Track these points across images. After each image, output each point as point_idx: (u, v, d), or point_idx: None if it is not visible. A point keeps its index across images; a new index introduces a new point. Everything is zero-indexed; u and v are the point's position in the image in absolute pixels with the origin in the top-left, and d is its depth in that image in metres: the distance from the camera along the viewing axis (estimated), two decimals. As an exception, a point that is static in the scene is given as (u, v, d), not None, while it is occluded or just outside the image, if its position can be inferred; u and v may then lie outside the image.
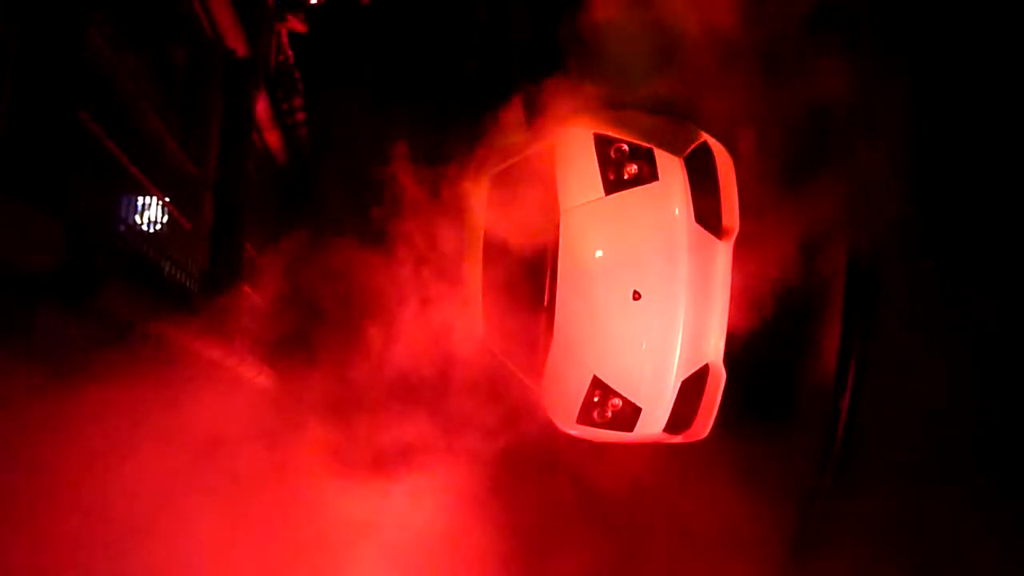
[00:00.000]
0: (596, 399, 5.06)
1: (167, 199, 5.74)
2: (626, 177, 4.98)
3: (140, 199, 5.45)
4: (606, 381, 5.01)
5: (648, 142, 4.95)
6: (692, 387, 4.88)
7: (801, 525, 5.21)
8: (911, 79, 4.77)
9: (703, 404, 4.95)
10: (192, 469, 5.36)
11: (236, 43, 6.83)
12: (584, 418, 5.12)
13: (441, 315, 6.76)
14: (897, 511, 4.71)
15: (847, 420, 5.05)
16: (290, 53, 8.39)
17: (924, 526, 4.51)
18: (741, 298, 4.90)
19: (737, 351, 4.93)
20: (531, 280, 5.51)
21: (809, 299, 5.26)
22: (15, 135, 3.71)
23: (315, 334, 7.99)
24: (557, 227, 5.22)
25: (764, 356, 5.25)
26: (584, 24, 5.82)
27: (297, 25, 8.08)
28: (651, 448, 5.32)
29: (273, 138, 8.56)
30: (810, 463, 5.22)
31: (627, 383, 4.95)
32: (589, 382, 5.05)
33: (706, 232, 4.81)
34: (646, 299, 4.85)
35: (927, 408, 4.58)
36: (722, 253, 4.85)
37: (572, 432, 5.26)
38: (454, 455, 6.64)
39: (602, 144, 5.08)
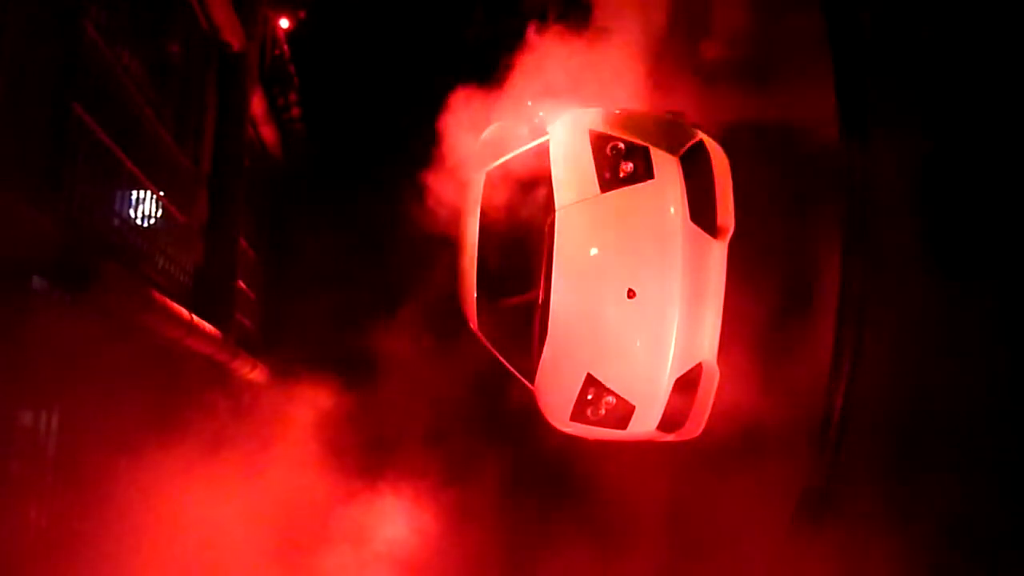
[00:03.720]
0: (590, 397, 5.06)
1: (161, 193, 5.72)
2: (621, 175, 4.98)
3: (134, 192, 5.42)
4: (600, 379, 5.01)
5: (644, 140, 4.95)
6: (686, 385, 4.89)
7: (795, 519, 5.22)
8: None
9: (697, 403, 4.95)
10: (183, 463, 5.36)
11: (232, 37, 6.80)
12: (578, 416, 5.12)
13: (441, 310, 6.77)
14: (890, 505, 4.72)
15: (841, 415, 5.06)
16: (286, 48, 8.37)
17: (914, 520, 4.52)
18: (735, 296, 4.90)
19: (732, 348, 4.94)
20: (526, 277, 5.51)
21: (803, 294, 5.27)
22: (8, 127, 3.68)
23: (311, 329, 8.00)
24: (552, 224, 5.22)
25: (759, 352, 5.26)
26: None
27: (292, 18, 8.06)
28: (648, 444, 5.33)
29: (269, 133, 8.54)
30: (804, 459, 5.23)
31: (621, 381, 4.95)
32: (583, 380, 5.05)
33: (701, 231, 4.81)
34: (641, 297, 4.86)
35: (921, 403, 4.60)
36: (717, 252, 4.86)
37: (566, 430, 5.26)
38: (447, 457, 6.65)
39: (598, 142, 5.07)
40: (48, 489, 4.30)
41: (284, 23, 7.97)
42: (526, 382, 5.54)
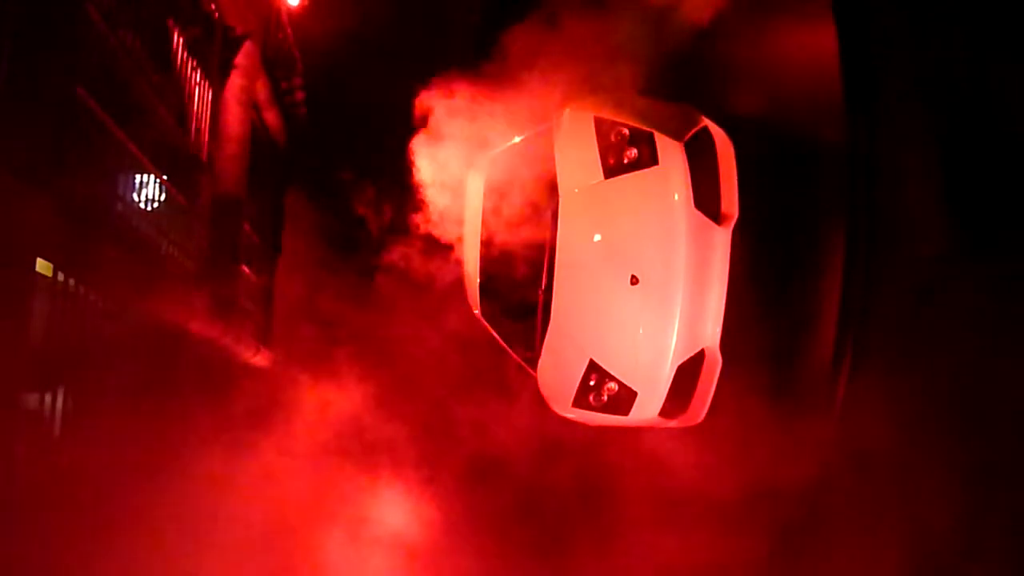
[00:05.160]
0: (592, 383, 5.07)
1: (165, 177, 5.71)
2: (626, 161, 4.96)
3: (137, 176, 5.42)
4: (602, 365, 5.01)
5: (649, 126, 4.92)
6: (688, 372, 4.89)
7: (797, 498, 5.22)
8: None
9: (699, 389, 4.96)
10: (186, 446, 5.39)
11: (236, 20, 6.77)
12: (580, 402, 5.13)
13: (444, 302, 6.77)
14: (894, 490, 4.71)
15: (845, 397, 5.04)
16: (289, 32, 8.32)
17: (920, 507, 4.51)
18: (739, 279, 4.89)
19: (735, 330, 4.92)
20: (529, 263, 5.52)
21: (806, 275, 5.25)
22: (11, 110, 3.68)
23: (314, 314, 8.01)
24: (556, 211, 5.21)
25: (762, 334, 5.25)
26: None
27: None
28: (645, 428, 5.33)
29: (272, 117, 8.51)
30: (808, 442, 5.22)
31: (623, 367, 4.96)
32: (585, 366, 5.06)
33: (705, 218, 4.80)
34: (644, 284, 4.85)
35: (925, 385, 4.58)
36: (721, 239, 4.84)
37: (568, 416, 5.27)
38: (449, 450, 6.67)
39: (602, 127, 5.05)
40: (52, 472, 4.32)
41: (293, 1, 7.92)
42: (528, 368, 5.55)
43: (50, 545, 4.00)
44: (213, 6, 6.52)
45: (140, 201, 5.52)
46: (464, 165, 6.21)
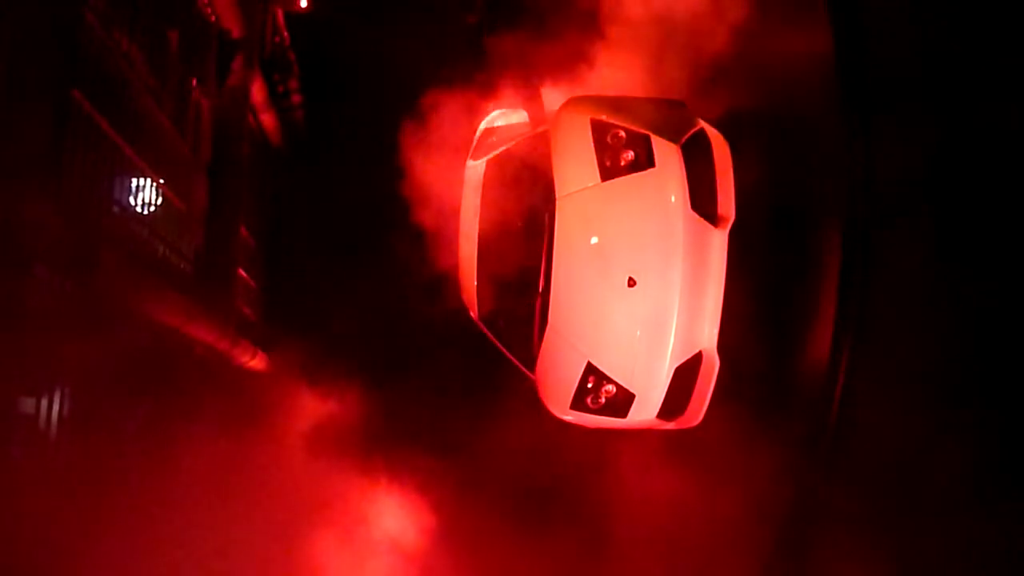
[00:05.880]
0: (590, 385, 5.06)
1: (161, 180, 5.70)
2: (622, 164, 4.96)
3: (134, 180, 5.41)
4: (600, 367, 5.01)
5: (645, 129, 4.93)
6: (686, 374, 4.89)
7: (790, 516, 5.23)
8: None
9: (696, 391, 4.96)
10: (183, 450, 5.37)
11: (231, 24, 6.77)
12: (578, 404, 5.13)
13: (440, 304, 6.78)
14: (887, 503, 4.71)
15: (839, 410, 5.05)
16: (286, 35, 8.34)
17: (912, 520, 4.51)
18: (736, 285, 4.90)
19: (731, 338, 4.94)
20: (526, 266, 5.51)
21: (803, 286, 5.26)
22: (8, 114, 3.67)
23: (311, 316, 8.01)
24: (553, 213, 5.22)
25: (758, 343, 5.26)
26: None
27: (295, 5, 8.03)
28: (641, 432, 5.34)
29: (268, 120, 8.51)
30: (801, 453, 5.24)
31: (621, 369, 4.96)
32: (583, 368, 5.06)
33: (702, 220, 4.80)
34: (641, 286, 4.85)
35: (920, 398, 4.58)
36: (717, 241, 4.85)
37: (566, 418, 5.27)
38: (442, 453, 6.67)
39: (599, 130, 5.05)
40: (48, 475, 4.31)
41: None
42: (526, 371, 5.55)
43: (47, 547, 3.99)
44: (210, 10, 6.52)
45: (137, 204, 5.52)
46: (461, 167, 6.21)
